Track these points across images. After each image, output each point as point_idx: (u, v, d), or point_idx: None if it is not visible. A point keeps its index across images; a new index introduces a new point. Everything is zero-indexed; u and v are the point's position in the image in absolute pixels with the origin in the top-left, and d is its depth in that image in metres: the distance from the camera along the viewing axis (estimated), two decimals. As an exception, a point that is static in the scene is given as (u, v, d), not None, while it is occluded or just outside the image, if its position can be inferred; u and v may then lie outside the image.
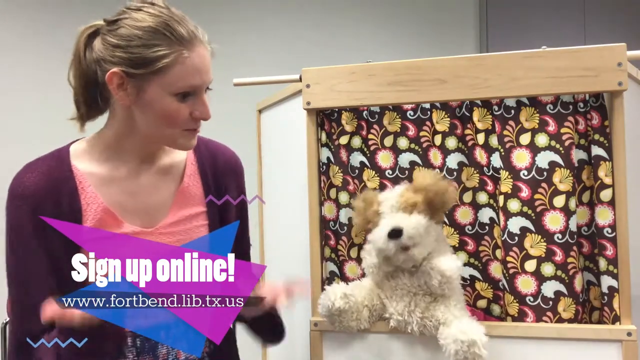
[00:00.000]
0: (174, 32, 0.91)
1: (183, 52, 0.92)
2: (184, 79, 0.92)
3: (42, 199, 0.97)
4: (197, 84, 0.94)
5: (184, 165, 1.09)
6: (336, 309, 1.22)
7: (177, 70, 0.92)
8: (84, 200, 0.99)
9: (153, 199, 1.04)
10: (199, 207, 1.08)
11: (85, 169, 1.01)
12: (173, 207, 1.05)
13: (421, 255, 1.20)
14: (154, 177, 1.06)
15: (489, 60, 1.24)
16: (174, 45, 0.91)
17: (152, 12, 0.93)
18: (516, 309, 1.24)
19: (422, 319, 1.21)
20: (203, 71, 0.94)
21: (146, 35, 0.91)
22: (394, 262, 1.23)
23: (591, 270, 1.27)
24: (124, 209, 1.01)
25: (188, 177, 1.08)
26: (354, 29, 3.47)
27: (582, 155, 1.24)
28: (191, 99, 0.95)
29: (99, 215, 0.98)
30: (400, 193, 1.25)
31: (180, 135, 0.98)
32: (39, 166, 1.00)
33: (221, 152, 1.14)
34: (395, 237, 1.18)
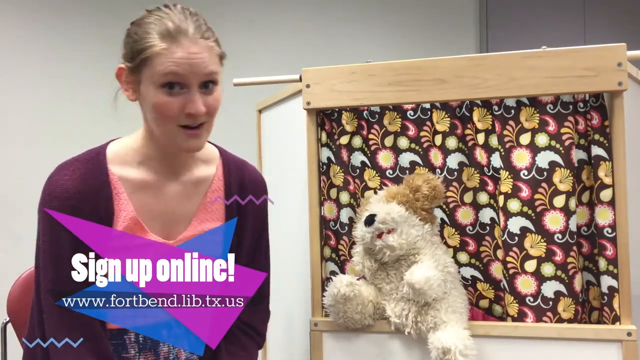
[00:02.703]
0: (160, 27, 0.94)
1: (162, 45, 0.93)
2: (165, 71, 0.93)
3: (79, 201, 0.96)
4: (179, 77, 0.93)
5: (211, 179, 1.09)
6: (342, 295, 1.23)
7: (159, 61, 0.93)
8: (117, 207, 0.99)
9: (178, 209, 1.05)
10: (218, 222, 1.08)
11: (121, 174, 1.01)
12: (194, 220, 1.06)
13: (396, 242, 1.21)
14: (182, 189, 1.06)
15: (489, 60, 1.24)
16: (155, 39, 0.93)
17: (154, 11, 0.97)
18: (516, 309, 1.24)
19: (416, 323, 1.22)
20: (188, 65, 0.93)
21: (139, 30, 0.95)
22: (376, 255, 1.25)
23: (590, 270, 1.27)
24: (150, 217, 1.02)
25: (212, 193, 1.08)
26: (353, 29, 3.47)
27: (582, 155, 1.24)
28: (182, 94, 0.94)
29: (127, 223, 0.99)
30: (386, 189, 1.30)
31: (178, 133, 0.96)
32: (77, 168, 0.99)
33: (248, 171, 1.14)
34: (370, 223, 1.22)
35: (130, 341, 1.01)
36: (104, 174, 1.00)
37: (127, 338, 1.01)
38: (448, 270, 1.24)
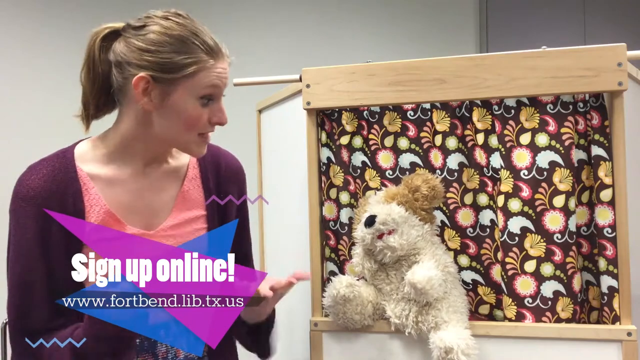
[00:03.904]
0: (203, 43, 0.97)
1: (210, 61, 0.97)
2: (209, 84, 0.97)
3: (46, 200, 0.97)
4: (218, 89, 1.00)
5: (186, 168, 1.10)
6: (341, 296, 1.23)
7: (203, 76, 0.96)
8: (88, 202, 0.99)
9: (155, 201, 1.05)
10: (199, 210, 1.09)
11: (90, 171, 1.01)
12: (174, 210, 1.06)
13: (397, 243, 1.21)
14: (157, 180, 1.07)
15: (488, 60, 1.24)
16: (202, 53, 0.96)
17: (179, 22, 0.98)
18: (514, 311, 1.24)
19: (417, 323, 1.22)
20: (224, 80, 1.00)
21: (177, 42, 0.96)
22: (376, 256, 1.25)
23: (590, 271, 1.27)
24: (127, 210, 1.02)
25: (189, 181, 1.09)
26: (354, 29, 3.47)
27: (582, 155, 1.24)
28: (210, 105, 1.00)
29: (101, 217, 0.99)
30: (385, 189, 1.30)
31: (194, 140, 1.01)
32: (44, 167, 1.00)
33: (224, 157, 1.16)
34: (370, 224, 1.22)
35: None
36: (72, 171, 1.00)
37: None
38: (448, 270, 1.24)
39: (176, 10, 1.00)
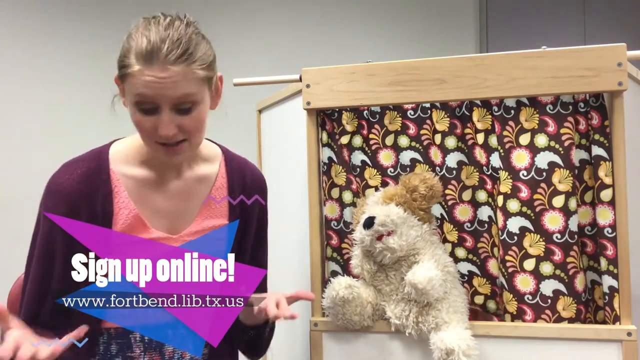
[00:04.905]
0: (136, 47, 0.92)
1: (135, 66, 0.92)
2: (135, 91, 0.92)
3: (77, 201, 0.98)
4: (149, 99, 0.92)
5: (215, 176, 1.10)
6: (340, 298, 1.23)
7: (133, 81, 0.92)
8: (117, 205, 1.00)
9: (183, 206, 1.06)
10: (222, 219, 1.09)
11: (122, 172, 1.02)
12: (198, 217, 1.07)
13: (397, 244, 1.21)
14: (186, 185, 1.07)
15: (488, 60, 1.24)
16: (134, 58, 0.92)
17: (142, 25, 0.94)
18: (515, 307, 1.24)
19: (417, 324, 1.22)
20: (158, 87, 0.91)
21: (125, 44, 0.94)
22: (376, 257, 1.25)
23: (596, 270, 1.27)
24: (154, 214, 1.03)
25: (216, 190, 1.09)
26: (354, 29, 3.47)
27: (584, 155, 1.24)
28: (156, 114, 0.94)
29: (129, 221, 1.00)
30: (383, 190, 1.30)
31: (157, 148, 0.97)
32: (78, 167, 1.00)
33: (250, 170, 1.16)
34: (369, 226, 1.22)
35: (135, 340, 1.01)
36: (105, 172, 1.01)
37: (132, 337, 1.01)
38: (448, 270, 1.24)
39: (158, 13, 0.97)
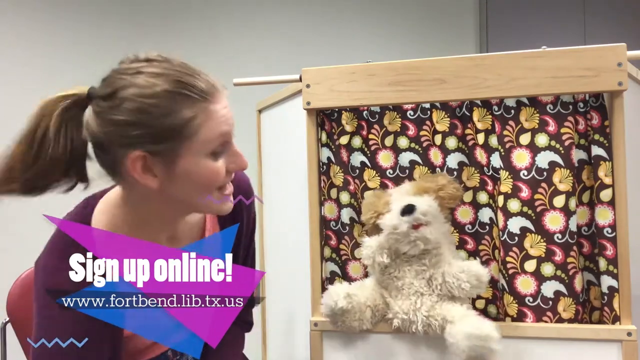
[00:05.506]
0: (193, 89, 0.78)
1: (209, 107, 0.80)
2: (216, 134, 0.81)
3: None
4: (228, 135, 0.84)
5: (203, 220, 1.05)
6: (339, 308, 1.22)
7: (207, 129, 0.79)
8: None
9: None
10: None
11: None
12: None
13: (432, 236, 1.21)
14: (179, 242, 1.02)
15: (488, 60, 1.24)
16: (198, 102, 0.79)
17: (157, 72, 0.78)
18: (515, 309, 1.24)
19: (427, 318, 1.21)
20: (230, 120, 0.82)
21: (164, 101, 0.77)
22: (402, 246, 1.22)
23: (591, 270, 1.27)
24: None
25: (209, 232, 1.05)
26: (353, 29, 3.47)
27: (583, 155, 1.24)
28: (224, 153, 0.84)
29: None
30: (412, 183, 1.29)
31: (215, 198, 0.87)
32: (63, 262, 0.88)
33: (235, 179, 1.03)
34: (408, 213, 1.20)
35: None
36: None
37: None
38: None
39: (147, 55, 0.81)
